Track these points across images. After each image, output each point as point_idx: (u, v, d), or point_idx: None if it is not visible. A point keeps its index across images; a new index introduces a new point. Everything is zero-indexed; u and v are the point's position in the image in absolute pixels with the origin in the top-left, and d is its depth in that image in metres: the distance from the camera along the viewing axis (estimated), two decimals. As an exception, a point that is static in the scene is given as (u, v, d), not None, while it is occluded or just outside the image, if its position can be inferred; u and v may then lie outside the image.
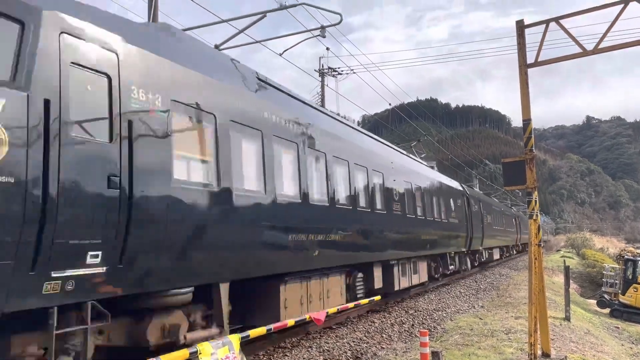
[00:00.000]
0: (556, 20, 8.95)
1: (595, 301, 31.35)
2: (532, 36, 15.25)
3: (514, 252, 46.41)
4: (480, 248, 27.29)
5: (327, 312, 8.82)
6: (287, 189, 8.28)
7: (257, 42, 10.14)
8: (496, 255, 34.02)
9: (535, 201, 8.82)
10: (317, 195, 9.21)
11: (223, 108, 6.87)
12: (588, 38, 9.21)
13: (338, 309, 9.49)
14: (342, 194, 10.18)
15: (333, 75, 29.47)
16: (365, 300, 10.97)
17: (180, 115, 6.13)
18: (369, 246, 11.36)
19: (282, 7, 11.12)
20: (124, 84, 5.36)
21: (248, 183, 7.24)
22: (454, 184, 24.42)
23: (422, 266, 16.76)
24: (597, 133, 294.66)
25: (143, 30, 6.28)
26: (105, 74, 5.20)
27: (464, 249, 23.41)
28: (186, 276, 6.12)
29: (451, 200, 21.24)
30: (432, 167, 22.66)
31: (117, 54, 5.37)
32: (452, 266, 21.42)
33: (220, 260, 6.67)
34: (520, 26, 9.18)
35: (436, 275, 19.53)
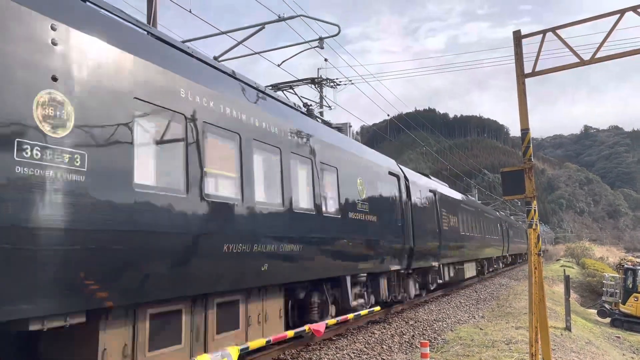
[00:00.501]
0: (553, 30, 9.01)
1: (595, 311, 31.26)
2: (529, 46, 15.36)
3: (501, 265, 37.06)
4: (436, 264, 17.34)
5: (327, 324, 8.77)
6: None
7: (255, 53, 10.19)
8: (470, 273, 23.92)
9: (535, 210, 8.82)
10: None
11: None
12: (585, 48, 9.25)
13: (338, 321, 9.43)
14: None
15: (331, 86, 29.56)
16: (365, 312, 10.91)
17: None
18: None
19: (281, 19, 11.20)
20: None
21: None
22: (381, 159, 13.99)
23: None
24: (595, 142, 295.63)
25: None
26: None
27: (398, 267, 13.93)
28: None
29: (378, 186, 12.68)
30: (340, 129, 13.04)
31: None
32: (361, 300, 11.46)
33: None
34: (518, 36, 9.24)
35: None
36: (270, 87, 11.50)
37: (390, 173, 14.03)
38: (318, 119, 11.61)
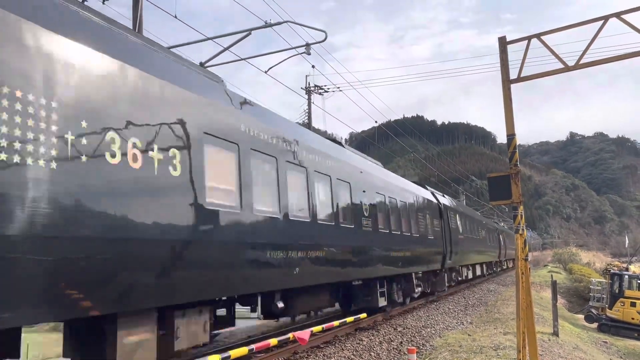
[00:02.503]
0: (538, 36, 9.07)
1: (583, 316, 31.42)
2: (515, 54, 15.48)
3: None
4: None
5: (312, 331, 8.68)
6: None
7: (242, 59, 10.15)
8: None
9: (521, 215, 8.83)
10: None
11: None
12: (570, 54, 9.33)
13: (323, 328, 9.34)
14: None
15: (320, 93, 29.60)
16: (351, 318, 10.83)
17: None
18: None
19: (268, 25, 11.17)
20: None
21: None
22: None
23: None
24: (581, 149, 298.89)
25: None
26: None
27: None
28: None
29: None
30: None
31: None
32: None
33: None
34: (503, 42, 9.29)
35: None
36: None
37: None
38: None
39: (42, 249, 4.40)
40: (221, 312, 8.23)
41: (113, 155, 5.17)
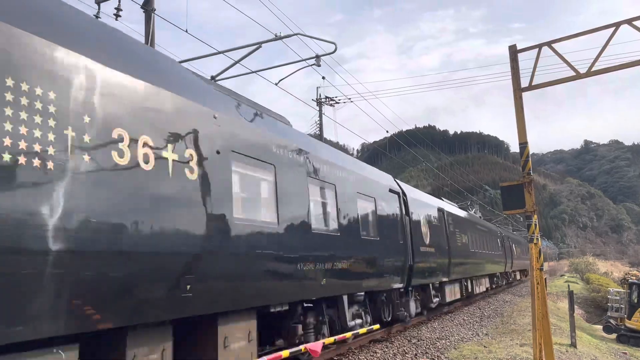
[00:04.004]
0: (549, 44, 9.04)
1: (601, 326, 30.85)
2: (525, 62, 15.40)
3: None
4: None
5: (324, 343, 8.61)
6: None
7: (252, 72, 10.22)
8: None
9: (535, 225, 8.74)
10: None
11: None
12: (581, 62, 9.28)
13: (335, 340, 9.26)
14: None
15: (331, 104, 29.69)
16: (363, 330, 10.73)
17: None
18: None
19: (278, 38, 11.25)
20: None
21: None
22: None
23: None
24: (596, 157, 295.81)
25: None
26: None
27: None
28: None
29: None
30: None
31: None
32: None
33: None
34: (514, 51, 9.27)
35: None
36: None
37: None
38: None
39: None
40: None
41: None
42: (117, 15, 11.92)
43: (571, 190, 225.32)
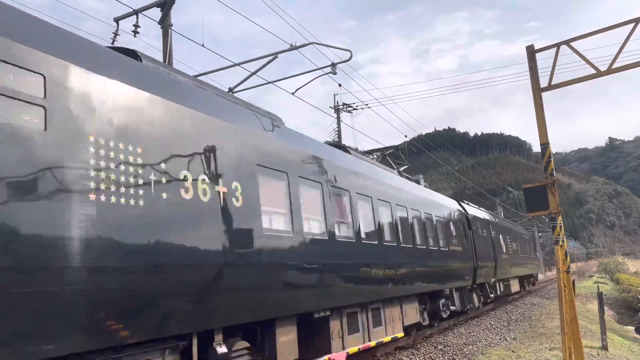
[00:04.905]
0: (567, 43, 8.91)
1: (633, 328, 30.06)
2: (544, 61, 15.19)
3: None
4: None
5: (348, 353, 8.56)
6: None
7: (269, 82, 10.29)
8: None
9: (560, 226, 8.59)
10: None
11: None
12: (600, 60, 9.12)
13: (359, 349, 9.19)
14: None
15: (348, 111, 29.70)
16: (388, 338, 10.65)
17: None
18: None
19: (293, 48, 11.31)
20: None
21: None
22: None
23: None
24: (622, 154, 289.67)
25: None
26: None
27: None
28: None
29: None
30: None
31: None
32: None
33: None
34: (531, 51, 9.16)
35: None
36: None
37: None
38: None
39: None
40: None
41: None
42: (135, 32, 12.15)
43: (597, 189, 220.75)
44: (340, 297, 8.37)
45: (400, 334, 11.49)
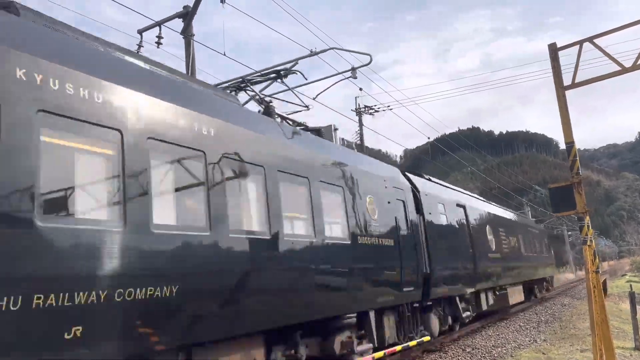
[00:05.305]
0: (590, 40, 8.79)
1: (669, 328, 29.20)
2: (568, 57, 14.88)
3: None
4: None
5: (374, 357, 8.56)
6: None
7: (289, 89, 10.39)
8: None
9: (588, 226, 8.46)
10: None
11: None
12: (624, 54, 8.96)
13: (385, 353, 9.16)
14: None
15: (370, 113, 29.67)
16: (414, 342, 10.60)
17: None
18: None
19: (313, 53, 11.39)
20: None
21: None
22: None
23: None
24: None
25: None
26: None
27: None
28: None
29: None
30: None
31: None
32: None
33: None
34: (554, 49, 9.05)
35: None
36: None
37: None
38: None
39: None
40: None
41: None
42: (158, 44, 12.41)
43: (628, 185, 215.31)
44: None
45: (426, 338, 11.40)
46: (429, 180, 14.89)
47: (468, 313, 15.27)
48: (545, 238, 31.65)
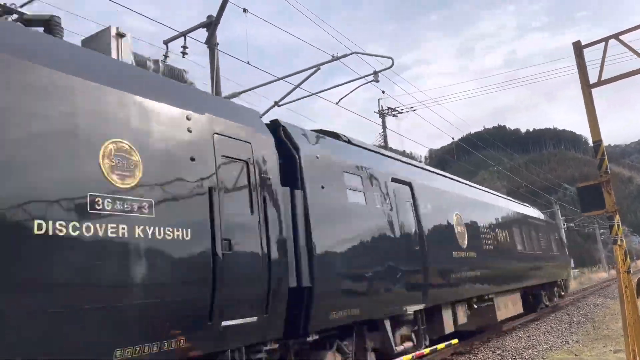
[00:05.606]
0: (615, 37, 8.67)
1: None
2: (594, 53, 14.65)
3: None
4: None
5: (401, 360, 8.48)
6: None
7: (313, 94, 10.50)
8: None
9: (618, 225, 8.33)
10: None
11: None
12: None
13: (413, 357, 9.10)
14: None
15: (394, 115, 29.64)
16: (442, 345, 10.52)
17: None
18: None
19: (335, 58, 11.49)
20: None
21: None
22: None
23: None
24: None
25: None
26: None
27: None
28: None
29: None
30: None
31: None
32: None
33: None
34: (578, 47, 8.95)
35: None
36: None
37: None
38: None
39: None
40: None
41: None
42: (183, 54, 12.68)
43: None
44: None
45: (454, 341, 11.31)
46: (337, 138, 9.70)
47: (410, 344, 9.73)
48: (556, 233, 25.47)
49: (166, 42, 12.66)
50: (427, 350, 9.64)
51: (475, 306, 13.42)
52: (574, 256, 58.86)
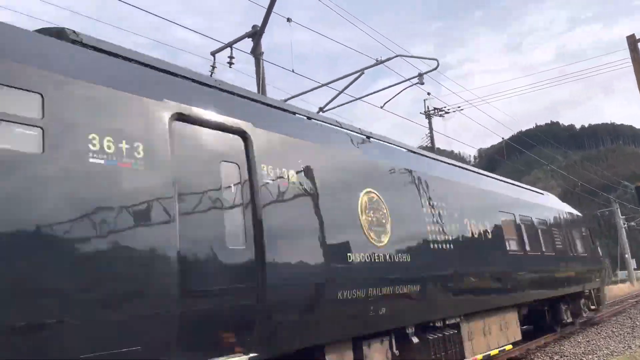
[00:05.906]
0: (673, 27, 8.27)
1: None
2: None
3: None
4: None
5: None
6: None
7: (357, 99, 10.54)
8: None
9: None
10: None
11: None
12: None
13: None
14: None
15: (440, 115, 29.28)
16: (495, 351, 10.29)
17: None
18: None
19: (379, 62, 11.48)
20: None
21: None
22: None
23: None
24: None
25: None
26: None
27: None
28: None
29: None
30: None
31: None
32: None
33: None
34: (632, 41, 8.59)
35: None
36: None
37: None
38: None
39: None
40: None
41: None
42: (230, 64, 13.00)
43: None
44: None
45: (509, 347, 11.06)
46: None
47: None
48: (583, 228, 18.55)
49: (213, 53, 13.01)
50: (479, 357, 9.46)
51: (415, 340, 7.86)
52: (636, 257, 56.04)
